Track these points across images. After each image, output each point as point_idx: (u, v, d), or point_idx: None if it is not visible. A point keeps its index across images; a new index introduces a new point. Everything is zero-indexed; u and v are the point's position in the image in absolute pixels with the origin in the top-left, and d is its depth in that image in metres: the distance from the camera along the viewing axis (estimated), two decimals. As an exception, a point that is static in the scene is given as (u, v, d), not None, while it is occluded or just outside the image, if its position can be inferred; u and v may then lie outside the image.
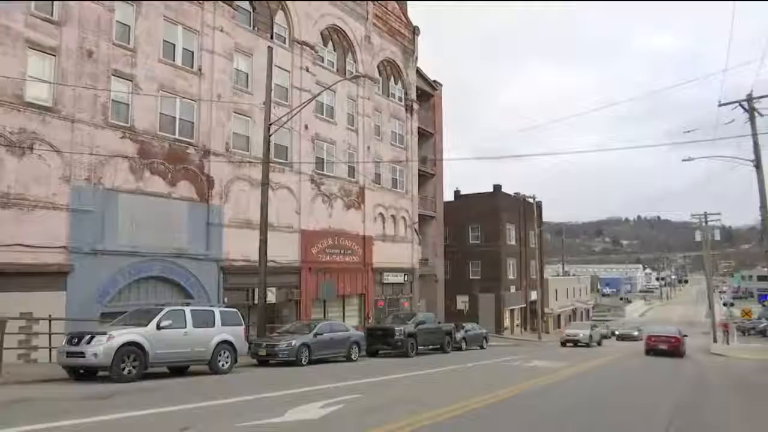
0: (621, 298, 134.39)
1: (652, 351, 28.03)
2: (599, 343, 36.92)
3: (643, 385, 14.19)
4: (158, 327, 13.49)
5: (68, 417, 7.79)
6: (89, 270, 18.39)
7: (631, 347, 36.09)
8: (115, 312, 17.41)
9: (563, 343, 35.50)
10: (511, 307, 52.63)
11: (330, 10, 30.86)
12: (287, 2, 27.82)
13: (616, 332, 56.25)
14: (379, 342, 23.01)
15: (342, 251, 30.55)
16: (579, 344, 34.90)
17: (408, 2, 38.80)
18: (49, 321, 15.95)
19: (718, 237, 51.34)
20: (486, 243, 51.61)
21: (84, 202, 18.56)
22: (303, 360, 18.03)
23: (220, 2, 24.01)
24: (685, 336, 29.77)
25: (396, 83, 37.28)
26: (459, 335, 28.95)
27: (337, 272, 29.85)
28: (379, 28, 34.85)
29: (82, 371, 13.09)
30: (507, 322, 51.07)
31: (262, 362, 18.06)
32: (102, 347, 12.35)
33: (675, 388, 13.27)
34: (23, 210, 17.13)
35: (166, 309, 14.32)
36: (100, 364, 12.46)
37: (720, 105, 24.61)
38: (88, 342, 12.53)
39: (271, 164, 21.71)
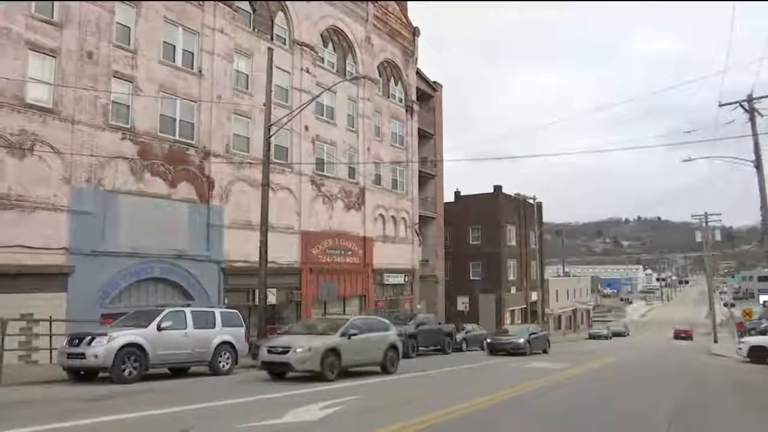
0: (621, 299, 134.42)
1: (677, 338, 57.66)
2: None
3: (642, 386, 14.18)
4: (159, 328, 13.48)
5: (69, 418, 7.80)
6: (90, 271, 18.40)
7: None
8: (115, 313, 17.43)
9: None
10: (512, 308, 52.59)
11: (330, 11, 30.88)
12: (287, 3, 27.84)
13: (486, 339, 29.04)
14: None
15: (342, 252, 30.56)
16: None
17: (408, 3, 38.83)
18: (50, 322, 15.95)
19: (718, 237, 51.29)
20: (486, 244, 51.55)
21: (84, 204, 18.57)
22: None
23: (220, 3, 24.04)
24: (692, 330, 61.89)
25: (396, 84, 37.29)
26: (459, 336, 28.91)
27: (338, 273, 29.84)
28: (379, 29, 34.87)
29: (82, 372, 13.09)
30: (507, 323, 51.01)
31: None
32: (102, 348, 12.35)
33: (674, 389, 13.27)
34: (24, 211, 17.14)
35: (167, 310, 14.32)
36: (101, 365, 12.45)
37: (720, 105, 24.58)
38: (89, 343, 12.52)
39: (271, 165, 21.70)
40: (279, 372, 13.67)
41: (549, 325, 57.90)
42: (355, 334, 14.33)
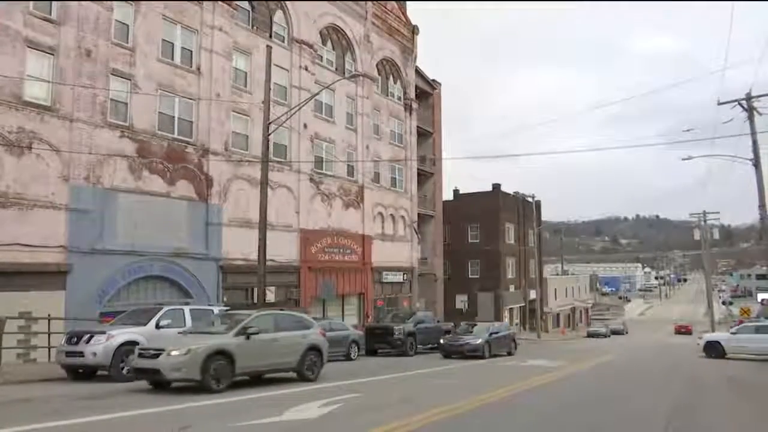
0: (620, 297, 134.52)
1: (678, 332, 58.25)
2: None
3: (640, 385, 14.19)
4: (157, 326, 13.49)
5: (67, 417, 7.80)
6: (88, 269, 18.37)
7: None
8: (114, 311, 17.43)
9: None
10: (510, 306, 52.67)
11: (329, 9, 30.83)
12: (286, 1, 27.79)
13: (440, 340, 24.08)
14: (379, 341, 23.03)
15: (341, 250, 30.55)
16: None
17: (407, 1, 38.78)
18: (48, 320, 15.94)
19: (717, 236, 51.38)
20: (485, 242, 51.61)
21: (83, 202, 18.54)
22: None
23: (219, 1, 23.99)
24: (691, 326, 62.60)
25: (395, 82, 37.25)
26: (458, 334, 28.89)
27: (337, 271, 29.84)
28: (378, 27, 34.82)
29: (81, 371, 13.09)
30: (506, 321, 51.08)
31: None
32: (101, 347, 12.36)
33: (673, 387, 13.28)
34: (22, 209, 17.11)
35: (165, 308, 14.33)
36: (99, 363, 12.46)
37: (719, 104, 24.62)
38: (87, 341, 12.53)
39: (270, 163, 21.66)
40: (154, 381, 10.96)
41: (548, 323, 58.07)
42: (255, 333, 11.62)
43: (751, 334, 22.91)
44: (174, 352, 10.41)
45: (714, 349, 23.60)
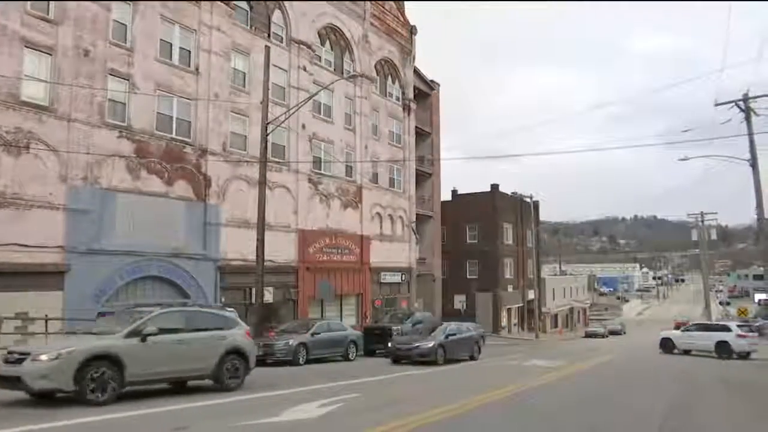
0: (618, 297, 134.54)
1: (677, 329, 49.66)
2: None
3: (639, 385, 14.22)
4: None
5: (63, 417, 7.79)
6: (86, 270, 18.33)
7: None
8: (113, 311, 17.38)
9: None
10: (509, 307, 52.70)
11: (327, 9, 30.81)
12: (284, 1, 27.77)
13: (388, 343, 21.47)
14: (377, 341, 23.02)
15: (339, 251, 30.54)
16: None
17: (406, 1, 38.78)
18: (46, 321, 15.92)
19: (714, 236, 51.26)
20: (483, 242, 51.60)
21: (81, 202, 18.50)
22: (300, 359, 18.04)
23: (217, 2, 23.96)
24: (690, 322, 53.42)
25: (393, 82, 37.25)
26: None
27: (335, 272, 29.82)
28: (376, 28, 34.82)
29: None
30: (504, 322, 51.13)
31: (259, 362, 18.00)
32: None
33: (670, 388, 13.32)
34: (20, 209, 17.06)
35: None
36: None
37: (716, 105, 24.65)
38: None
39: (268, 164, 21.66)
40: (31, 392, 8.98)
41: (546, 323, 58.10)
42: (153, 334, 9.85)
43: (697, 332, 26.39)
44: (42, 357, 8.79)
45: (666, 345, 26.95)
